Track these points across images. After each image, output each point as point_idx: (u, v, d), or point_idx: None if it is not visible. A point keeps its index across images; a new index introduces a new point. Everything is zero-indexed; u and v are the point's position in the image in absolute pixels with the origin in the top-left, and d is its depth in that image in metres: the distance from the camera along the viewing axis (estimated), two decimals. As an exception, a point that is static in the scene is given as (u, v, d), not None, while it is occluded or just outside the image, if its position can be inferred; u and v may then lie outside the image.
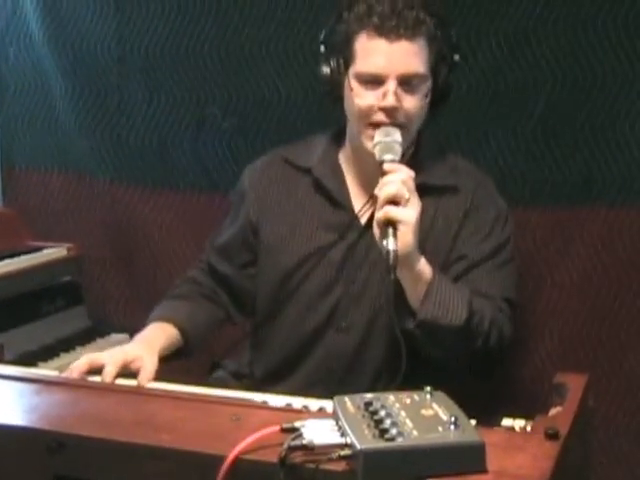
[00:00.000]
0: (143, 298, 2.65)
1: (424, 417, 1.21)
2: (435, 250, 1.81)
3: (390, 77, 1.73)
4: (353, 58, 1.78)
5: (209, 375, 2.04)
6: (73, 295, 2.64)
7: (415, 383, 1.34)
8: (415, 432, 1.17)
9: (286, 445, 1.18)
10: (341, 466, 1.17)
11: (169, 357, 1.81)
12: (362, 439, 1.16)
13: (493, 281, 1.82)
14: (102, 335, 2.57)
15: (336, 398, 1.29)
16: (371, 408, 1.25)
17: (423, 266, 1.70)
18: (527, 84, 2.21)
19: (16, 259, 2.49)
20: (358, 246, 1.84)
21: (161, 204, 2.64)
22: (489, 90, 2.24)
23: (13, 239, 2.63)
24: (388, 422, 1.19)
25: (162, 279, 2.61)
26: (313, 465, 1.17)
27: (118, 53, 2.60)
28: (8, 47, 2.75)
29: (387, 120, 1.75)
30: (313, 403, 1.51)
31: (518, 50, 2.20)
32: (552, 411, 1.42)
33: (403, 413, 1.22)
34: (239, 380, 1.97)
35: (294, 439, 1.19)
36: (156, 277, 2.65)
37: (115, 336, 2.57)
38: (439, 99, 1.84)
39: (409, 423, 1.19)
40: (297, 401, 1.54)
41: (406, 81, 1.75)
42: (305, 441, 1.19)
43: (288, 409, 1.46)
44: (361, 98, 1.77)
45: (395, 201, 1.63)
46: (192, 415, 1.39)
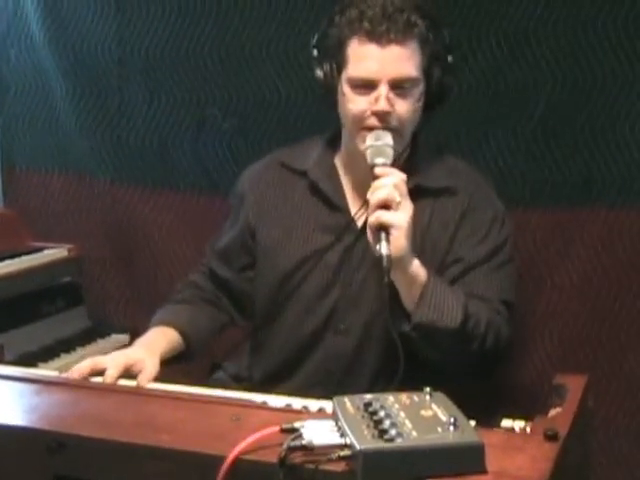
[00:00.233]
0: (143, 299, 2.65)
1: (423, 418, 1.21)
2: (432, 252, 1.81)
3: (382, 82, 1.73)
4: (345, 63, 1.78)
5: (209, 376, 2.04)
6: (73, 296, 2.64)
7: (413, 385, 1.34)
8: (414, 433, 1.17)
9: (286, 445, 1.18)
10: (341, 466, 1.17)
11: (171, 361, 1.81)
12: (361, 440, 1.16)
13: (490, 284, 1.81)
14: (102, 336, 2.57)
15: (336, 399, 1.30)
16: (370, 409, 1.25)
17: (417, 269, 1.70)
18: (527, 85, 2.21)
19: (16, 260, 2.49)
20: (355, 249, 1.84)
21: (161, 205, 2.64)
22: (489, 90, 2.24)
23: (13, 240, 2.63)
24: (387, 423, 1.20)
25: (162, 280, 2.62)
26: (313, 465, 1.17)
27: (119, 54, 2.60)
28: (9, 48, 2.75)
29: (380, 124, 1.75)
30: (313, 404, 1.51)
31: (518, 51, 2.20)
32: (552, 412, 1.42)
33: (402, 414, 1.22)
34: (239, 383, 1.97)
35: (294, 439, 1.19)
36: (156, 278, 2.65)
37: (115, 337, 2.57)
38: (434, 101, 1.83)
39: (408, 424, 1.19)
40: (297, 402, 1.54)
41: (398, 85, 1.74)
42: (305, 441, 1.19)
43: (288, 410, 1.46)
44: (354, 103, 1.77)
45: (386, 205, 1.63)
46: (192, 415, 1.39)
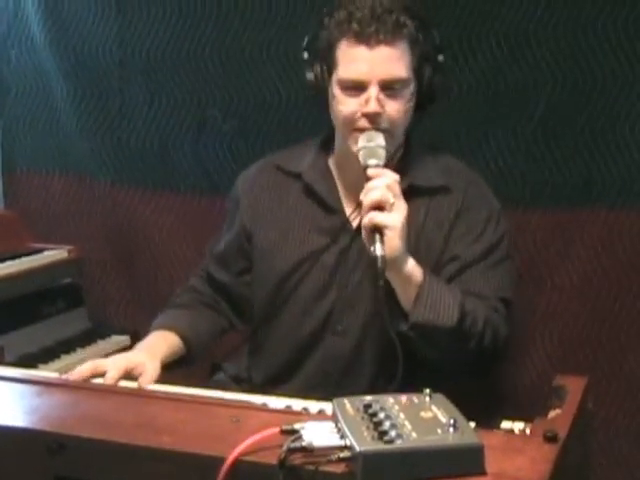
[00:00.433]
0: (144, 300, 2.66)
1: (423, 419, 1.21)
2: (427, 251, 1.81)
3: (372, 83, 1.73)
4: (335, 65, 1.78)
5: (209, 377, 2.04)
6: (73, 297, 2.64)
7: (412, 385, 1.35)
8: (414, 434, 1.17)
9: (286, 447, 1.18)
10: (340, 468, 1.17)
11: (171, 365, 1.82)
12: (361, 441, 1.16)
13: (487, 281, 1.81)
14: (102, 337, 2.56)
15: (335, 400, 1.30)
16: (370, 410, 1.25)
17: (413, 269, 1.70)
18: (527, 85, 2.21)
19: (17, 261, 2.48)
20: (350, 250, 1.84)
21: (162, 206, 2.64)
22: (489, 91, 2.24)
23: (14, 241, 2.63)
24: (387, 424, 1.20)
25: (162, 281, 2.62)
26: (312, 467, 1.17)
27: (119, 56, 2.60)
28: (10, 50, 2.76)
29: (370, 126, 1.75)
30: (312, 405, 1.51)
31: (518, 51, 2.20)
32: (551, 414, 1.42)
33: (402, 415, 1.22)
34: (239, 384, 1.97)
35: (294, 441, 1.19)
36: (157, 279, 2.65)
37: (115, 338, 2.57)
38: (425, 101, 1.84)
39: (408, 425, 1.19)
40: (297, 403, 1.54)
41: (388, 86, 1.74)
42: (304, 443, 1.19)
43: (288, 411, 1.47)
44: (344, 105, 1.77)
45: (380, 206, 1.63)
46: (192, 417, 1.39)
